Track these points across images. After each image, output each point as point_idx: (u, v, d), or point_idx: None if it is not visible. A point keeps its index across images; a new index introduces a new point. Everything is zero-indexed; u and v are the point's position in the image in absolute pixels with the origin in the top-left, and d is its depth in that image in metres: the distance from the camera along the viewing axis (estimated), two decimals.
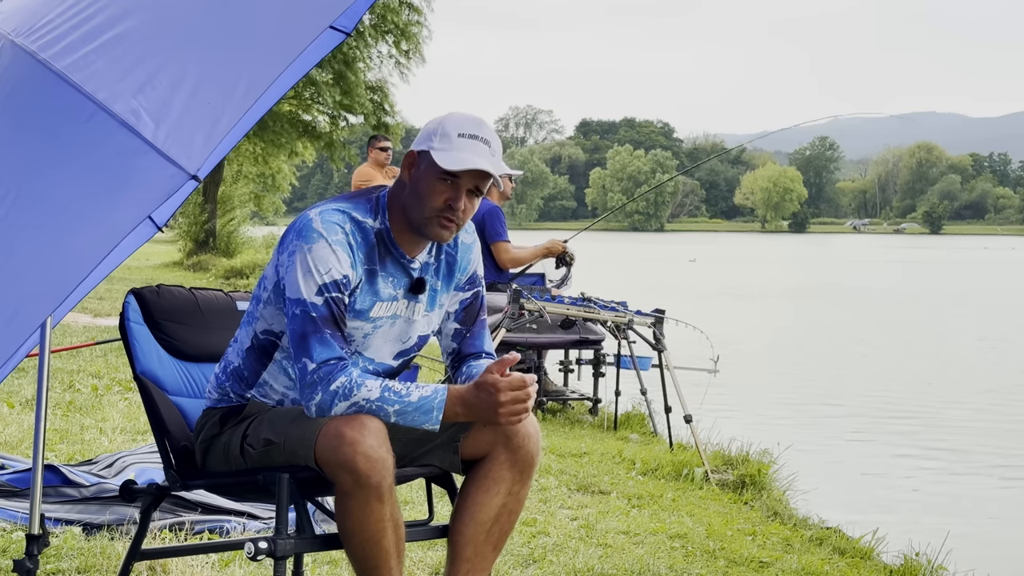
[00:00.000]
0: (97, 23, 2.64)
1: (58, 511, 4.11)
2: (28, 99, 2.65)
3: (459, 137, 2.76)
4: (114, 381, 7.42)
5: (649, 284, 29.11)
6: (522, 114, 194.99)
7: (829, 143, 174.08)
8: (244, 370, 2.92)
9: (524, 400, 2.69)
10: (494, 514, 2.85)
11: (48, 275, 2.56)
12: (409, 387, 2.69)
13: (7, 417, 5.90)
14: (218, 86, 2.52)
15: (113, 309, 12.74)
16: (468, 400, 2.69)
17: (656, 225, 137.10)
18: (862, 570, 4.80)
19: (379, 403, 2.67)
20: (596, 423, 8.15)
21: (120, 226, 2.49)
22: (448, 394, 2.69)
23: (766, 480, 6.57)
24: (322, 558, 3.86)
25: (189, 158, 2.43)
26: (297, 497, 2.75)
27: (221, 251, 27.24)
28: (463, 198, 2.79)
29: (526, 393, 2.69)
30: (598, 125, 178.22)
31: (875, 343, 17.78)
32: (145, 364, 3.09)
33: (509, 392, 2.67)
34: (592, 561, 4.23)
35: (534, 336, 7.82)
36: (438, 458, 2.93)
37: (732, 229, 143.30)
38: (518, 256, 7.87)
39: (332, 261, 2.72)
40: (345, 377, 2.67)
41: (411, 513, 4.48)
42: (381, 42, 25.00)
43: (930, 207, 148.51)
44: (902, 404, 11.73)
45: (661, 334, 7.25)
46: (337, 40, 3.29)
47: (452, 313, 3.03)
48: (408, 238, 2.86)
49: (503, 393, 2.66)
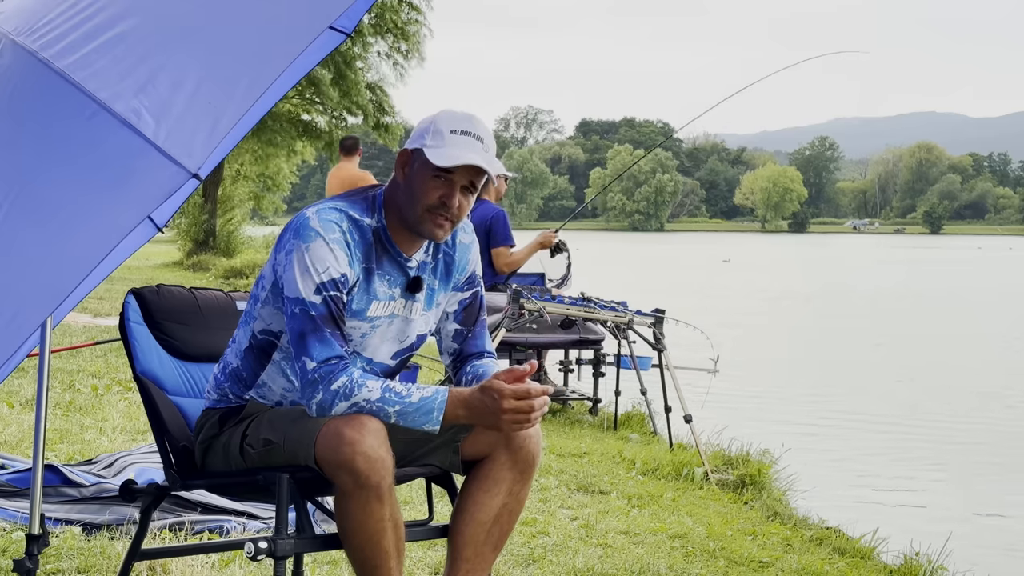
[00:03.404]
0: (98, 22, 2.64)
1: (58, 511, 4.11)
2: (29, 99, 2.65)
3: (451, 134, 2.75)
4: (114, 381, 7.42)
5: (685, 286, 29.09)
6: (522, 114, 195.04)
7: (829, 143, 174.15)
8: (243, 371, 2.92)
9: (527, 411, 2.66)
10: (494, 514, 2.85)
11: (49, 275, 2.56)
12: (410, 388, 2.68)
13: (7, 417, 5.90)
14: (219, 86, 2.52)
15: (113, 309, 12.74)
16: (471, 403, 2.68)
17: (656, 225, 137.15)
18: (862, 570, 4.80)
19: (379, 403, 2.66)
20: (596, 423, 8.15)
21: (121, 225, 2.49)
22: (449, 396, 2.68)
23: (766, 480, 6.57)
24: (322, 558, 3.86)
25: (190, 157, 2.43)
26: (297, 497, 2.75)
27: (221, 251, 27.23)
28: (457, 195, 2.78)
29: (529, 405, 2.65)
30: (598, 125, 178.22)
31: (875, 343, 17.78)
32: (145, 364, 3.09)
33: (513, 400, 2.65)
34: (592, 561, 4.22)
35: (534, 336, 7.82)
36: (438, 458, 2.92)
37: (732, 229, 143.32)
38: (515, 260, 7.87)
39: (330, 260, 2.72)
40: (346, 377, 2.67)
41: (411, 513, 4.48)
42: (380, 41, 24.99)
43: (930, 207, 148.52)
44: (902, 404, 11.73)
45: (661, 334, 7.25)
46: (337, 41, 3.29)
47: (451, 313, 3.03)
48: (404, 237, 2.86)
49: (507, 400, 2.64)
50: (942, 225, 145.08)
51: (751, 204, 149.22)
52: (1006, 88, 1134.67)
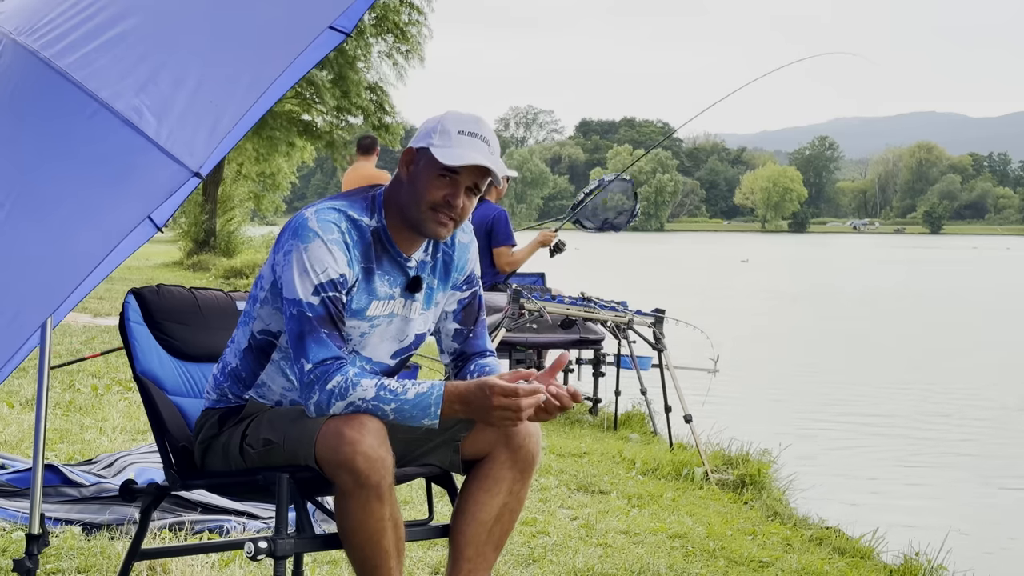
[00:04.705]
0: (99, 22, 2.63)
1: (58, 511, 4.11)
2: (30, 98, 2.65)
3: (459, 134, 2.76)
4: (114, 381, 7.42)
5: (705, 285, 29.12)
6: (522, 114, 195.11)
7: (829, 143, 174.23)
8: (242, 371, 2.92)
9: (516, 409, 2.63)
10: (495, 514, 2.85)
11: (50, 274, 2.55)
12: (405, 384, 2.67)
13: (7, 417, 5.89)
14: (220, 84, 2.52)
15: (113, 309, 12.74)
16: (467, 397, 2.66)
17: (656, 225, 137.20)
18: (862, 570, 4.80)
19: (375, 402, 2.65)
20: (596, 423, 8.15)
21: (123, 223, 2.49)
22: (445, 390, 2.66)
23: (766, 480, 6.57)
24: (322, 558, 3.86)
25: (192, 155, 2.43)
26: (297, 497, 2.75)
27: (221, 251, 27.22)
28: (462, 195, 2.79)
29: (516, 403, 2.62)
30: (598, 125, 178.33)
31: (875, 343, 17.78)
32: (145, 364, 3.09)
33: (503, 398, 2.63)
34: (592, 561, 4.22)
35: (534, 336, 7.82)
36: (438, 458, 2.92)
37: (732, 229, 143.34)
38: (516, 259, 7.90)
39: (328, 260, 2.72)
40: (341, 376, 2.66)
41: (411, 513, 4.48)
42: (380, 42, 24.99)
43: (930, 207, 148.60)
44: (902, 404, 11.73)
45: (661, 334, 7.25)
46: (337, 40, 3.29)
47: (451, 313, 3.02)
48: (405, 236, 2.86)
49: (496, 397, 2.63)
50: (942, 225, 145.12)
51: (751, 204, 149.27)
52: (1006, 88, 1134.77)
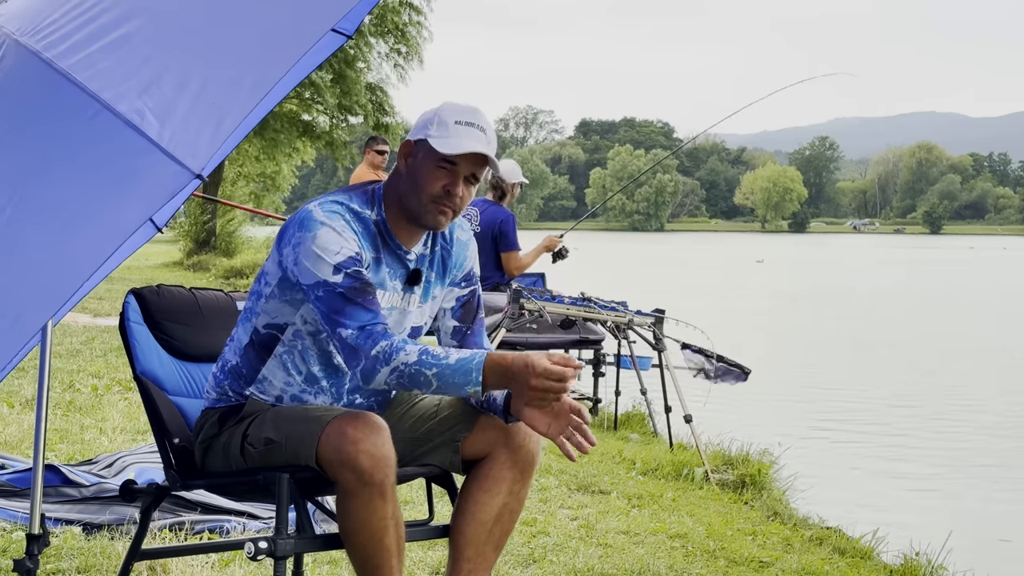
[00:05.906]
0: (102, 23, 2.64)
1: (58, 511, 4.11)
2: (32, 98, 2.65)
3: (456, 124, 2.78)
4: (114, 381, 7.42)
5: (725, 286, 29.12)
6: (522, 114, 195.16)
7: (829, 143, 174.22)
8: (242, 367, 2.92)
9: (556, 391, 2.60)
10: (495, 514, 2.85)
11: (52, 276, 2.56)
12: (448, 351, 2.65)
13: (7, 417, 5.90)
14: (223, 87, 2.53)
15: (113, 309, 12.74)
16: (509, 369, 2.60)
17: (656, 225, 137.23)
18: (862, 570, 4.80)
19: (417, 366, 2.63)
20: (596, 423, 8.15)
21: (125, 224, 2.49)
22: (488, 357, 2.62)
23: (766, 480, 6.57)
24: (322, 558, 3.87)
25: (194, 157, 2.43)
26: (297, 497, 2.75)
27: (221, 251, 27.21)
28: (460, 184, 2.80)
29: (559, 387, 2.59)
30: (598, 125, 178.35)
31: (876, 343, 17.78)
32: (145, 364, 3.09)
33: (544, 380, 2.59)
34: (592, 561, 4.23)
35: (534, 336, 7.82)
36: (438, 458, 2.93)
37: (732, 229, 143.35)
38: (524, 263, 7.97)
39: (341, 242, 2.72)
40: (386, 341, 2.65)
41: (411, 513, 4.48)
42: (380, 42, 25.00)
43: (930, 207, 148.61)
44: (902, 404, 11.73)
45: (661, 334, 7.25)
46: (339, 42, 3.30)
47: (449, 310, 3.03)
48: (404, 229, 2.87)
49: (537, 378, 2.58)
50: (942, 225, 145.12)
51: (751, 204, 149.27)
52: (1006, 88, 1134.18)
